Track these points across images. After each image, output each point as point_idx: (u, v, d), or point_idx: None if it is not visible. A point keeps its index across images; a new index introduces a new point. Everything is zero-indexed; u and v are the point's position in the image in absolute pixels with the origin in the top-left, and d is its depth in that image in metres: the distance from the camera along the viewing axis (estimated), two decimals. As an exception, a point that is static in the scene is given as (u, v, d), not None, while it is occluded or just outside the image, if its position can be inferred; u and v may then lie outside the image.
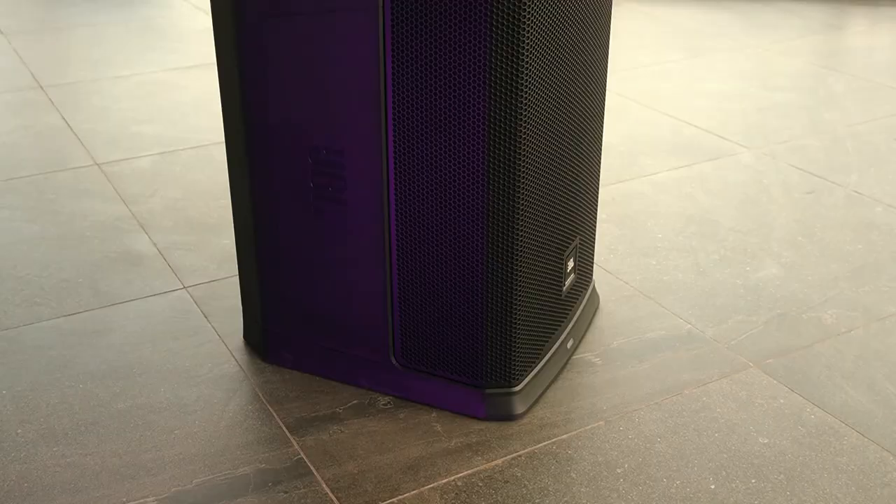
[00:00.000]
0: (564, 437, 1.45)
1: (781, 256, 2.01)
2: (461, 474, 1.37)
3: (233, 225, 1.65)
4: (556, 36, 1.35)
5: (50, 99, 3.02)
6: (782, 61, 3.38)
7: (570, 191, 1.54)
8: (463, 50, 1.26)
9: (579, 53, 1.46)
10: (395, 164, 1.37)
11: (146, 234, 2.12)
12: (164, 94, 3.06)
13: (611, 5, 1.60)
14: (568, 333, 1.65)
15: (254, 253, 1.58)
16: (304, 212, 1.48)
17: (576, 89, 1.47)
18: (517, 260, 1.40)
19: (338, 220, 1.46)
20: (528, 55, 1.27)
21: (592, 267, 1.79)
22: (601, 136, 1.69)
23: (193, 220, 2.19)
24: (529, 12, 1.25)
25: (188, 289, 1.89)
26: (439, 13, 1.25)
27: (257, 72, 1.42)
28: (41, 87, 3.13)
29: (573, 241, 1.61)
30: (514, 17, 1.23)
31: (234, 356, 1.66)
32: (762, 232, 2.12)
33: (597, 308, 1.82)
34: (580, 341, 1.71)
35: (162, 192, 2.34)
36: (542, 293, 1.51)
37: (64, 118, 2.84)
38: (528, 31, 1.26)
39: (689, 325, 1.75)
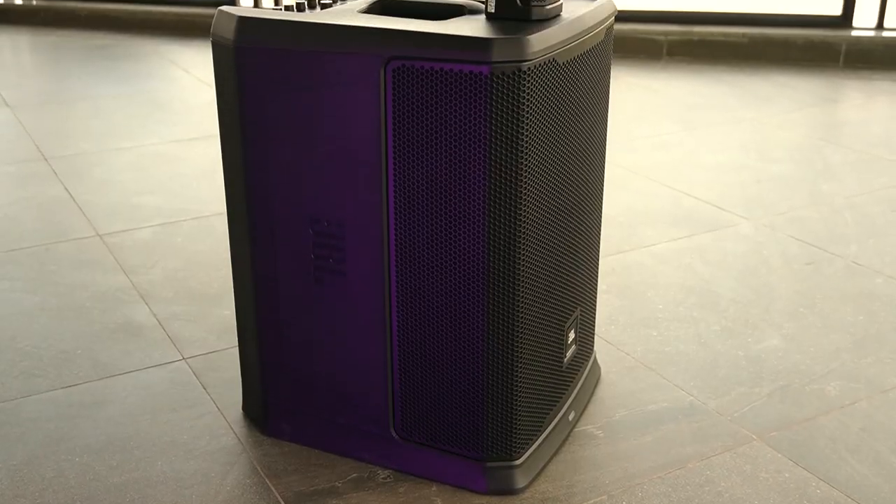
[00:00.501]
0: (567, 511, 1.42)
1: (783, 327, 2.00)
2: (462, 550, 1.34)
3: (233, 295, 1.65)
4: (556, 110, 1.37)
5: (53, 170, 3.04)
6: (779, 134, 3.42)
7: (570, 262, 1.54)
8: (463, 125, 1.27)
9: (579, 126, 1.47)
10: (396, 236, 1.38)
11: (146, 304, 2.12)
12: (166, 166, 3.09)
13: (609, 79, 1.63)
14: (569, 405, 1.63)
15: (254, 324, 1.57)
16: (305, 283, 1.48)
17: (575, 162, 1.49)
18: (518, 332, 1.39)
19: (338, 292, 1.46)
20: (528, 130, 1.28)
21: (593, 338, 1.79)
22: (601, 207, 1.70)
23: (194, 290, 2.19)
24: (529, 88, 1.26)
25: (187, 360, 1.88)
26: (440, 88, 1.27)
27: (259, 143, 1.43)
28: (45, 159, 3.15)
29: (574, 312, 1.61)
30: (514, 93, 1.25)
31: (232, 428, 1.64)
32: (763, 303, 2.12)
33: (598, 379, 1.80)
34: (582, 413, 1.69)
35: (162, 262, 2.34)
36: (542, 365, 1.50)
37: (66, 189, 2.86)
38: (528, 106, 1.27)
39: (692, 397, 1.74)
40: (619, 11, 3.93)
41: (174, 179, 2.95)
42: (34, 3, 5.50)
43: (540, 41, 1.28)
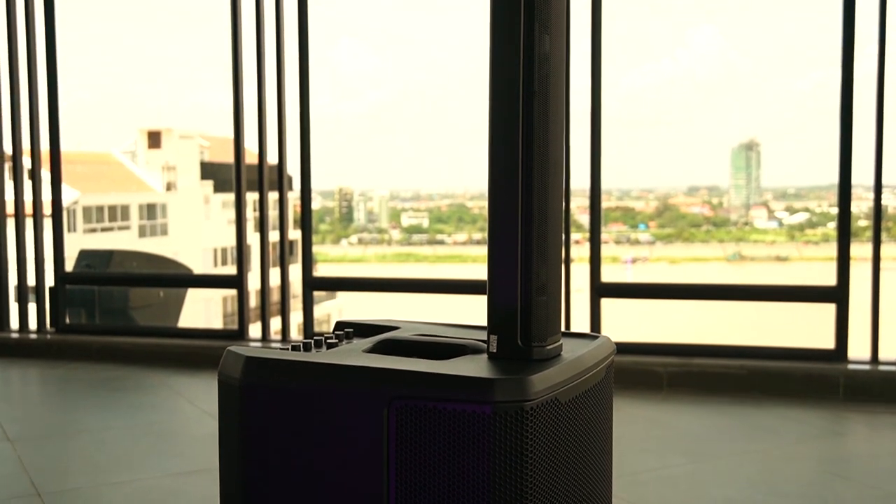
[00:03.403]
0: None
1: None
2: None
3: None
4: (559, 447, 1.36)
5: (46, 506, 2.96)
6: (787, 467, 3.36)
7: None
8: (467, 463, 1.26)
9: (582, 462, 1.46)
10: (397, 581, 1.32)
11: None
12: (163, 500, 3.01)
13: (611, 414, 1.63)
14: None
15: None
16: None
17: (580, 498, 1.45)
18: None
19: None
20: (531, 468, 1.27)
21: None
22: (610, 549, 1.63)
23: None
24: (532, 427, 1.27)
25: None
26: (443, 427, 1.27)
27: (259, 479, 1.41)
28: (39, 495, 3.09)
29: None
30: (517, 432, 1.25)
31: None
32: None
33: None
34: None
35: None
36: None
37: (58, 526, 2.77)
38: (531, 444, 1.27)
39: None
40: (618, 343, 4.03)
41: (169, 516, 2.87)
42: (48, 337, 5.66)
43: (542, 381, 1.30)
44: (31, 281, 5.83)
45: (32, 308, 5.83)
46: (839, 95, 4.51)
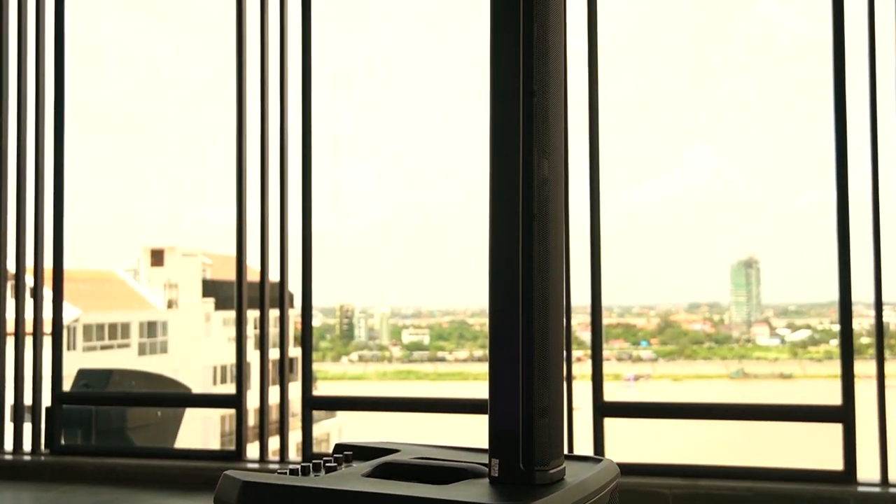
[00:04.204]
0: None
1: None
2: None
3: None
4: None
5: None
6: None
7: None
8: None
9: None
10: None
11: None
12: None
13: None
14: None
15: None
16: None
17: None
18: None
19: None
20: None
21: None
22: None
23: None
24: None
25: None
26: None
27: None
28: None
29: None
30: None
31: None
32: None
33: None
34: None
35: None
36: None
37: None
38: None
39: None
40: (622, 464, 3.93)
41: None
42: (42, 459, 5.56)
43: (544, 508, 1.27)
44: (28, 400, 5.77)
45: (28, 428, 5.75)
46: (835, 213, 4.56)
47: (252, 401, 5.44)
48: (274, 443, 5.42)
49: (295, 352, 5.50)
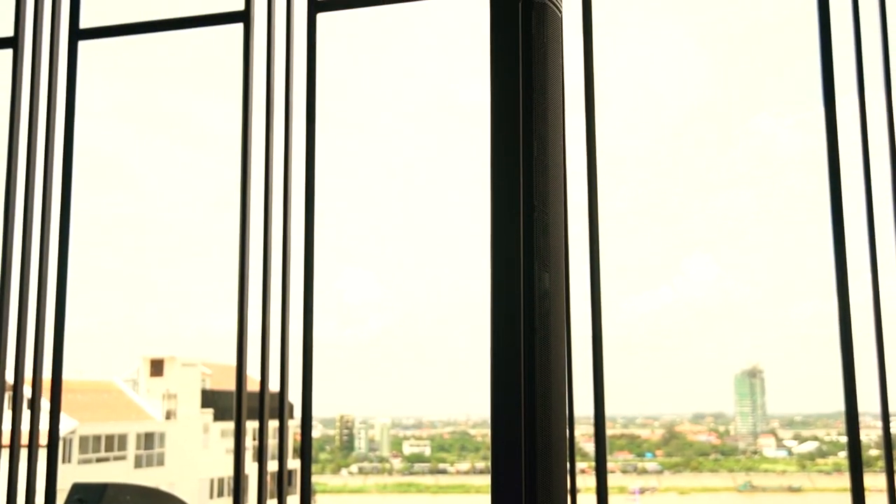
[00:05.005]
0: None
1: None
2: None
3: None
4: None
5: None
6: None
7: None
8: None
9: None
10: None
11: None
12: None
13: None
14: None
15: None
16: None
17: None
18: None
19: None
20: None
21: None
22: None
23: None
24: None
25: None
26: None
27: None
28: None
29: None
30: None
31: None
32: None
33: None
34: None
35: None
36: None
37: None
38: None
39: None
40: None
41: None
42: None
43: None
44: (20, 515, 5.65)
45: (18, 545, 5.61)
46: (837, 323, 4.54)
47: (249, 515, 5.32)
48: (271, 560, 5.28)
49: (294, 464, 5.41)
